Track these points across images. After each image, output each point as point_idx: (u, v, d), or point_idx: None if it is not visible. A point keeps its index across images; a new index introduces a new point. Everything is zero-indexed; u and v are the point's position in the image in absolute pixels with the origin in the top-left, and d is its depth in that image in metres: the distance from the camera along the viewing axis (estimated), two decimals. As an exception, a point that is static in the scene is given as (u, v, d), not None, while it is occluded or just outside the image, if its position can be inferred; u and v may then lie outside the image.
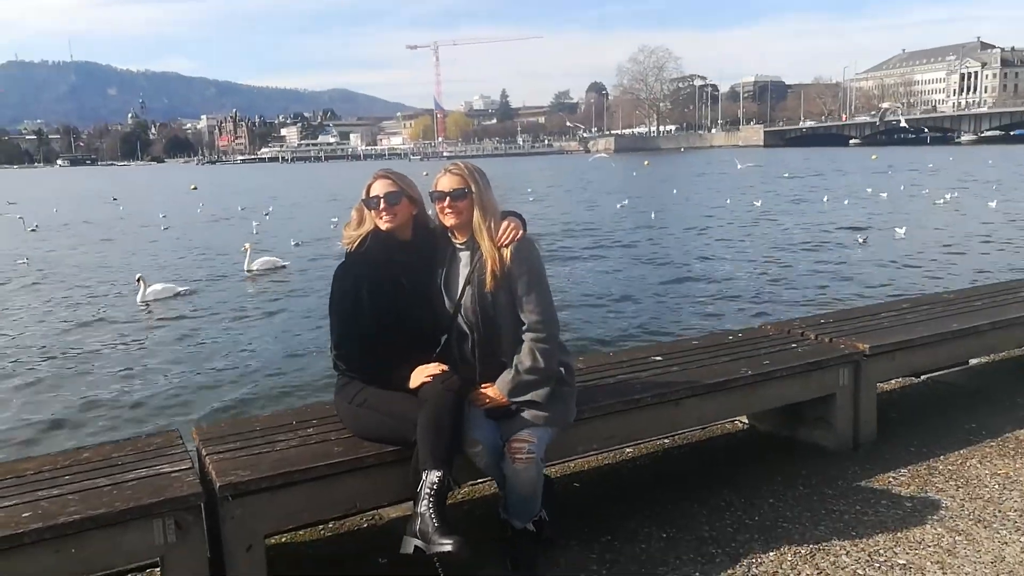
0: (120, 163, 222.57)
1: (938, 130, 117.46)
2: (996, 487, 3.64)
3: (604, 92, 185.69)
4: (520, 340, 2.98)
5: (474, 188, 2.98)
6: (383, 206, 3.02)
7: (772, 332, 4.59)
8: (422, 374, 2.93)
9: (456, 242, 3.07)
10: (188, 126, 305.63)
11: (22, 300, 13.96)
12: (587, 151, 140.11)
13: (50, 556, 2.35)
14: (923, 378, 5.31)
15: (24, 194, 58.15)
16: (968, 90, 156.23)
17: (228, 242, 21.38)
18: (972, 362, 5.60)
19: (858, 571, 2.94)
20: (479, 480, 3.47)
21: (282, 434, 3.06)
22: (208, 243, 22.47)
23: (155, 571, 2.91)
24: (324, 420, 3.19)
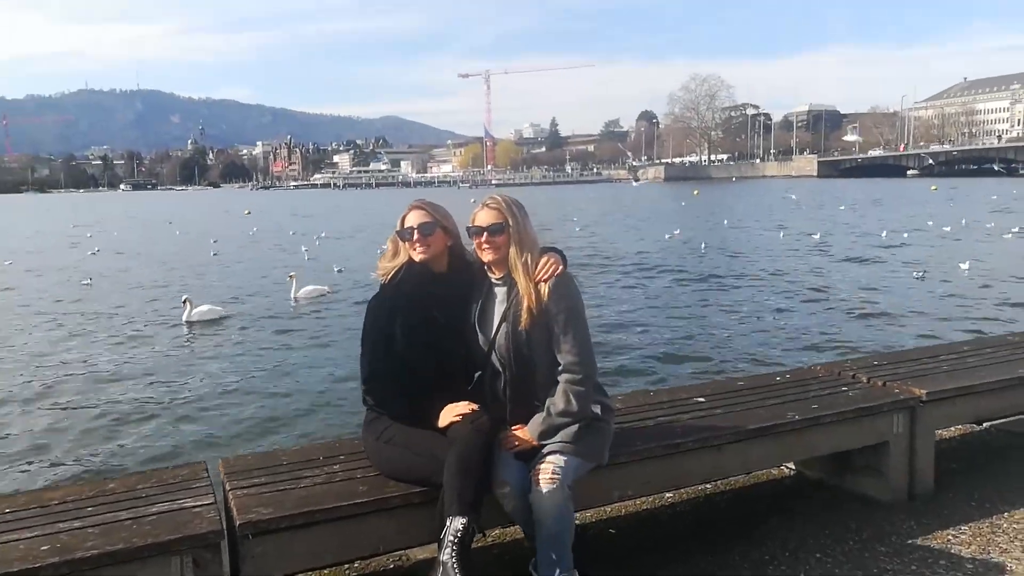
0: (178, 187, 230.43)
1: (1002, 161, 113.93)
2: (1066, 550, 3.36)
3: (655, 121, 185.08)
4: (555, 381, 2.88)
5: (511, 222, 2.91)
6: (417, 237, 2.98)
7: (822, 374, 4.39)
8: (451, 413, 2.85)
9: (493, 277, 3.00)
10: (244, 152, 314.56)
11: (75, 322, 14.34)
12: (635, 179, 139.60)
13: (66, 591, 2.30)
14: (985, 426, 4.98)
15: (87, 217, 60.48)
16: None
17: (277, 267, 21.76)
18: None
19: (914, 639, 2.73)
20: (510, 524, 3.35)
21: (308, 470, 3.00)
22: (258, 267, 22.87)
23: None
24: (352, 456, 3.13)
